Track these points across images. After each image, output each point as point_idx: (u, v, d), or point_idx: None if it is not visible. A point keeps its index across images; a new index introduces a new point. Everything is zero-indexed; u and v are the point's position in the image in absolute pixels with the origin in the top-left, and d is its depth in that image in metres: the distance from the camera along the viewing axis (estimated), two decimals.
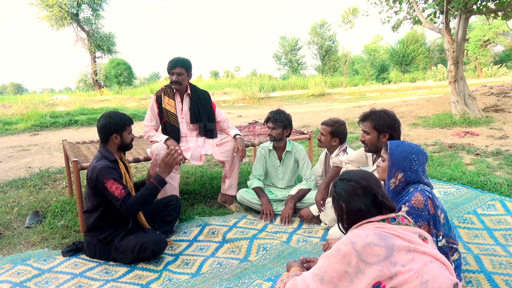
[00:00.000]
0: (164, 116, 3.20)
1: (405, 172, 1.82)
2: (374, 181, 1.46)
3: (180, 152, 2.85)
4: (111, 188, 2.31)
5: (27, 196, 3.91)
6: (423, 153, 1.88)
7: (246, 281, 2.08)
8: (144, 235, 2.43)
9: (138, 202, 2.36)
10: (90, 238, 2.47)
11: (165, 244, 2.47)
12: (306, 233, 2.78)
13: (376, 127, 2.37)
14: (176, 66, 3.11)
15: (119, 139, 2.47)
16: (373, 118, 2.38)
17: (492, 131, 6.22)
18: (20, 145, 7.70)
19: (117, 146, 2.50)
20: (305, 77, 38.12)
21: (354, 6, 26.47)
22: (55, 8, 22.84)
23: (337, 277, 1.27)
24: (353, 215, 1.44)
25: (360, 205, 1.41)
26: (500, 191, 3.23)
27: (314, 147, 4.36)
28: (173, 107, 3.20)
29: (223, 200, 3.36)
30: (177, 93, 3.24)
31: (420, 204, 1.71)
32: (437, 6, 7.79)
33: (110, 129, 2.44)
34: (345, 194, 1.46)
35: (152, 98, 3.25)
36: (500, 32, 28.41)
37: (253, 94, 20.04)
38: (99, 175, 2.32)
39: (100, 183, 2.33)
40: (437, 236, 1.72)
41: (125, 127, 2.48)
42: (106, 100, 18.75)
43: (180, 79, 3.11)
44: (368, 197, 1.42)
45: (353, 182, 1.45)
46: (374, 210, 1.41)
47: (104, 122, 2.44)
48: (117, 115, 2.48)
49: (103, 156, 2.44)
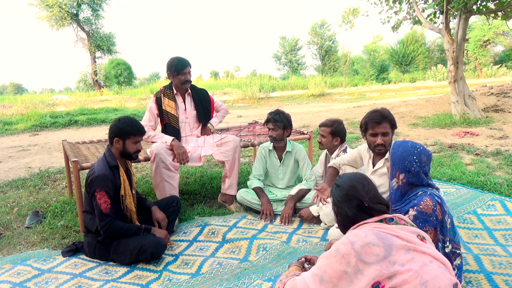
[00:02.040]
0: (164, 117, 3.20)
1: (406, 173, 1.80)
2: (362, 186, 1.46)
3: (187, 155, 3.03)
4: (100, 200, 2.32)
5: (27, 196, 3.91)
6: (426, 154, 1.82)
7: (246, 281, 2.08)
8: (143, 237, 2.42)
9: (119, 231, 2.37)
10: (89, 239, 2.47)
11: (164, 247, 2.46)
12: (306, 233, 2.78)
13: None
14: (187, 66, 3.16)
15: (121, 145, 2.45)
16: (392, 118, 2.37)
17: (492, 131, 6.21)
18: (20, 145, 7.70)
19: (119, 152, 2.48)
20: (305, 77, 38.10)
21: (354, 6, 26.47)
22: (55, 8, 22.83)
23: (337, 277, 1.28)
24: (344, 219, 1.47)
25: (347, 211, 1.44)
26: (500, 191, 3.23)
27: (314, 147, 4.36)
28: (174, 108, 3.20)
29: (223, 200, 3.37)
30: (178, 93, 3.25)
31: (428, 209, 1.68)
32: (437, 6, 7.79)
33: (114, 132, 2.44)
34: (335, 198, 1.51)
35: (151, 99, 3.25)
36: (500, 32, 28.40)
37: (253, 94, 20.03)
38: (93, 182, 2.33)
39: (91, 189, 2.34)
40: (443, 242, 1.70)
41: (129, 136, 2.44)
42: (106, 100, 18.73)
43: (191, 78, 3.20)
44: (353, 203, 1.43)
45: (340, 188, 1.49)
46: (363, 215, 1.42)
47: (112, 123, 2.47)
48: (126, 122, 2.45)
49: (105, 161, 2.43)
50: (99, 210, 2.32)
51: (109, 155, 2.46)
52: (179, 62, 3.13)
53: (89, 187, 2.36)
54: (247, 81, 26.87)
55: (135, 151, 2.50)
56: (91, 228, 2.44)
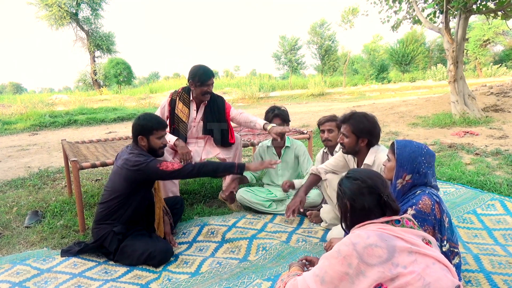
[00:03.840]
0: (175, 122, 3.12)
1: (413, 174, 1.78)
2: (381, 181, 1.45)
3: (191, 156, 2.97)
4: (168, 168, 2.33)
5: (26, 195, 3.90)
6: (431, 154, 1.82)
7: (246, 281, 2.08)
8: (152, 243, 2.40)
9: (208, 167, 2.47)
10: (101, 227, 2.41)
11: (171, 254, 2.46)
12: (306, 233, 2.77)
13: (354, 131, 2.30)
14: (211, 77, 3.02)
15: (146, 142, 2.45)
16: (352, 122, 2.31)
17: (491, 131, 6.22)
18: (19, 144, 7.69)
19: (145, 149, 2.46)
20: (305, 76, 38.06)
21: (353, 6, 26.45)
22: (54, 7, 22.79)
23: (338, 278, 1.27)
24: (357, 214, 1.43)
25: (364, 204, 1.40)
26: (500, 191, 3.23)
27: (314, 147, 4.36)
28: (186, 115, 3.10)
29: (224, 197, 3.36)
30: (194, 100, 3.13)
31: (427, 208, 1.67)
32: (436, 5, 7.79)
33: (137, 130, 2.43)
34: (350, 192, 1.45)
35: (166, 99, 3.17)
36: (500, 32, 28.41)
37: (252, 93, 20.04)
38: (150, 165, 2.31)
39: (152, 171, 2.32)
40: (441, 241, 1.70)
41: (152, 131, 2.43)
42: (105, 100, 18.72)
43: (212, 89, 3.08)
44: (373, 197, 1.40)
45: (359, 181, 1.44)
46: (377, 211, 1.39)
47: (134, 121, 2.46)
48: (146, 118, 2.45)
49: (141, 154, 2.40)
50: (176, 171, 2.35)
51: (140, 150, 2.43)
52: (204, 73, 2.98)
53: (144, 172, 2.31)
54: (246, 80, 26.84)
55: (160, 146, 2.49)
56: (108, 218, 2.40)
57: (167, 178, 2.43)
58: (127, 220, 2.42)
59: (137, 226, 2.48)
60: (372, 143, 2.34)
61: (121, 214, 2.41)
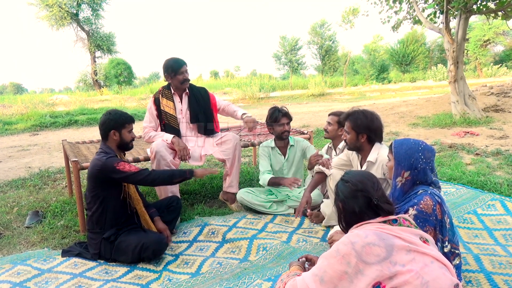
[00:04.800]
0: (163, 118, 3.21)
1: (412, 171, 1.78)
2: (371, 184, 1.45)
3: (188, 151, 3.04)
4: (124, 168, 2.35)
5: (27, 196, 3.91)
6: (430, 149, 1.81)
7: (246, 281, 2.08)
8: (145, 235, 2.43)
9: (164, 174, 2.50)
10: (94, 236, 2.45)
11: (166, 245, 2.47)
12: (306, 233, 2.77)
13: (354, 127, 2.36)
14: (183, 64, 3.17)
15: (118, 136, 2.49)
16: (351, 119, 2.38)
17: (492, 131, 6.22)
18: (20, 145, 7.70)
19: (116, 144, 2.51)
20: (305, 77, 38.07)
21: (354, 6, 26.45)
22: (55, 8, 22.82)
23: (337, 277, 1.27)
24: (349, 216, 1.45)
25: (354, 207, 1.43)
26: (500, 191, 3.23)
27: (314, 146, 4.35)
28: (172, 108, 3.21)
29: (224, 198, 3.37)
30: (176, 93, 3.25)
31: (428, 208, 1.67)
32: (437, 6, 7.79)
33: (109, 126, 2.46)
34: (341, 194, 1.48)
35: (150, 100, 3.26)
36: (500, 32, 28.39)
37: (253, 94, 20.04)
38: (107, 163, 2.34)
39: (109, 169, 2.34)
40: (443, 242, 1.69)
41: (124, 125, 2.50)
42: (106, 100, 18.75)
43: (189, 76, 3.20)
44: (362, 200, 1.42)
45: (349, 184, 1.47)
46: (369, 213, 1.41)
47: (104, 118, 2.49)
48: (117, 113, 2.52)
49: (105, 152, 2.44)
50: (133, 175, 2.36)
51: (106, 147, 2.47)
52: (175, 63, 3.15)
53: (105, 171, 2.34)
54: (247, 81, 26.87)
55: (131, 139, 2.56)
56: (97, 225, 2.43)
57: (126, 181, 2.42)
58: (112, 223, 2.43)
59: (129, 226, 2.49)
60: (372, 139, 2.37)
61: (104, 219, 2.42)
